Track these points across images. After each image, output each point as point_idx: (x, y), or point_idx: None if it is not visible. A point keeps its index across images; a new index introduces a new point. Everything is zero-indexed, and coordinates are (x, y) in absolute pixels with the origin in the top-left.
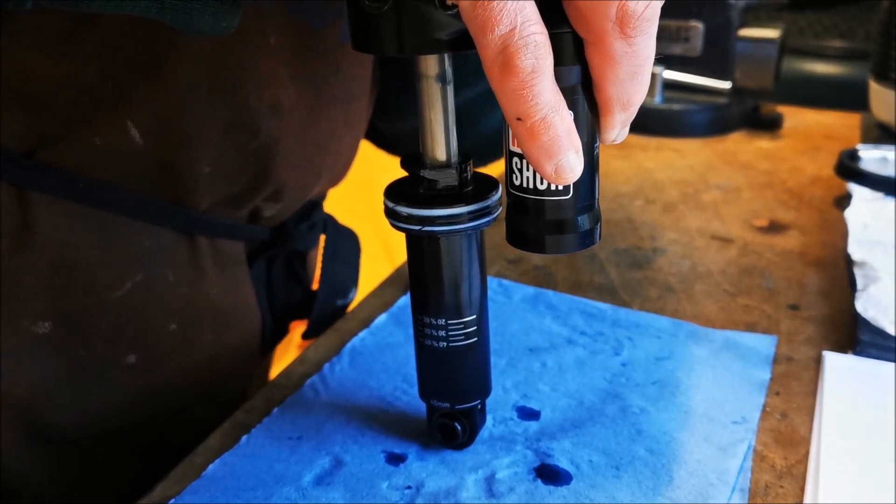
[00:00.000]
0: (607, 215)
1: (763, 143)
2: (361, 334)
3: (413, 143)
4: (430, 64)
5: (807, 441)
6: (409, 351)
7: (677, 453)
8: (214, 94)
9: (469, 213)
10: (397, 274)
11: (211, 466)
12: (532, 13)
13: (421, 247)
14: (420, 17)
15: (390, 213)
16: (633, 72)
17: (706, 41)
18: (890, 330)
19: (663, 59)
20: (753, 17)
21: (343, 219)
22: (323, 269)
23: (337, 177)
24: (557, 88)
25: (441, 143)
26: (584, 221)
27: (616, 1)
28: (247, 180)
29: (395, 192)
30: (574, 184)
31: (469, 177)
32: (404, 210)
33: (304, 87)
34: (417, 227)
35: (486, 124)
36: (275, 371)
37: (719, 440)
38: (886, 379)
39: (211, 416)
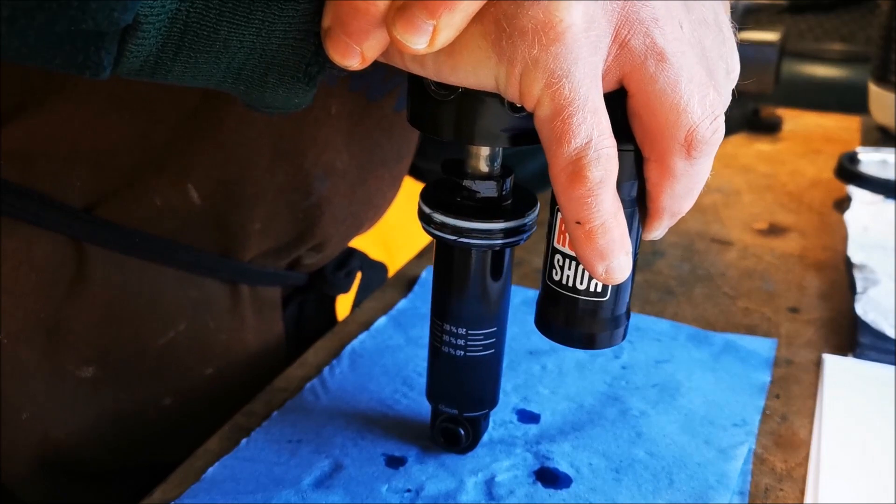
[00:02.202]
0: None
1: (763, 146)
2: (361, 337)
3: None
4: (484, 148)
5: (807, 444)
6: (409, 354)
7: (677, 456)
8: (274, 161)
9: (505, 229)
10: (397, 277)
11: (210, 469)
12: (606, 127)
13: (451, 255)
14: (484, 111)
15: (424, 218)
16: (690, 188)
17: None
18: (890, 333)
19: None
20: (754, 20)
21: None
22: (354, 305)
23: (374, 223)
24: (618, 195)
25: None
26: (615, 322)
27: (686, 125)
28: (294, 235)
29: (432, 197)
30: (611, 287)
31: (509, 190)
32: (440, 218)
33: (358, 152)
34: (452, 238)
35: (522, 171)
36: None
37: (719, 443)
38: (886, 382)
39: None
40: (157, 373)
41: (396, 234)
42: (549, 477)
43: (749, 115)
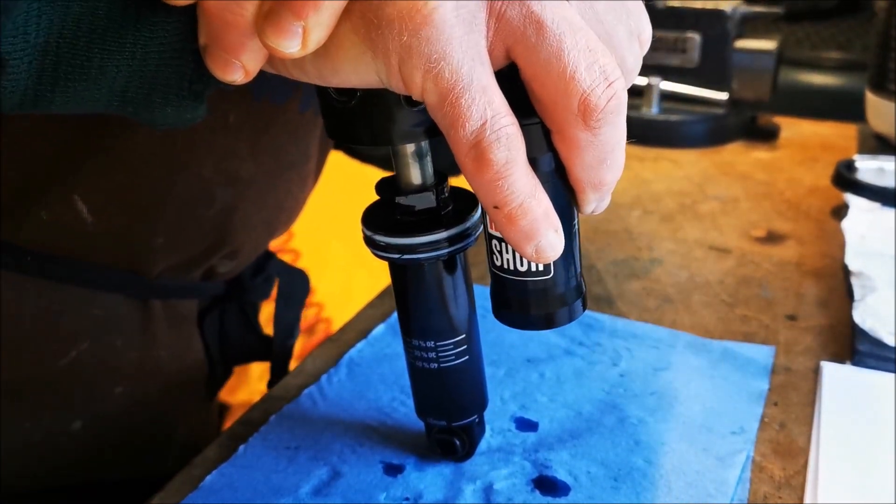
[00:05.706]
0: (605, 225)
1: (760, 154)
2: (359, 345)
3: (387, 163)
4: (412, 162)
5: (805, 451)
6: None
7: (675, 464)
8: (169, 170)
9: (450, 237)
10: None
11: (208, 477)
12: (501, 105)
13: (404, 273)
14: (388, 111)
15: (369, 242)
16: (601, 158)
17: (703, 52)
18: (888, 340)
19: (660, 70)
20: (750, 28)
21: (338, 226)
22: (276, 314)
23: (289, 225)
24: (532, 173)
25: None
26: (566, 298)
27: (577, 93)
28: (203, 246)
29: (372, 219)
30: (554, 263)
31: (447, 196)
32: (382, 239)
33: (266, 159)
34: (397, 256)
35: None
36: (231, 418)
37: (718, 451)
38: (884, 389)
39: (162, 462)
40: (63, 396)
41: None
42: (548, 485)
43: (746, 123)
